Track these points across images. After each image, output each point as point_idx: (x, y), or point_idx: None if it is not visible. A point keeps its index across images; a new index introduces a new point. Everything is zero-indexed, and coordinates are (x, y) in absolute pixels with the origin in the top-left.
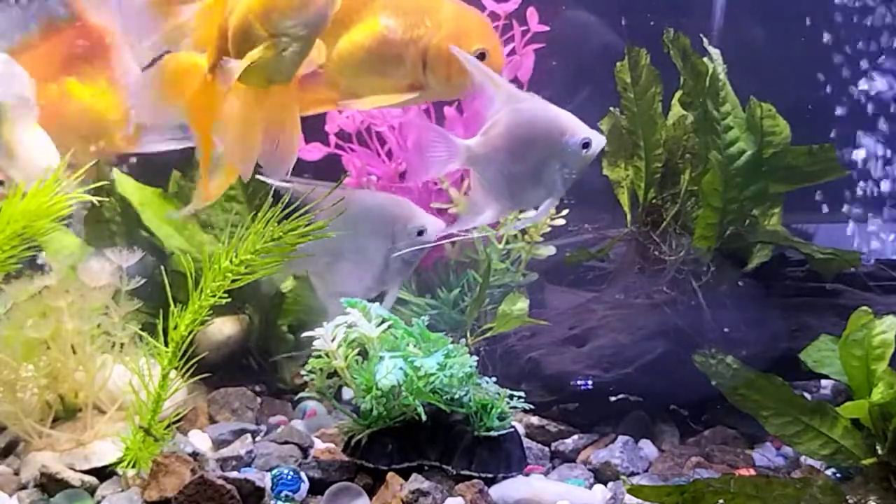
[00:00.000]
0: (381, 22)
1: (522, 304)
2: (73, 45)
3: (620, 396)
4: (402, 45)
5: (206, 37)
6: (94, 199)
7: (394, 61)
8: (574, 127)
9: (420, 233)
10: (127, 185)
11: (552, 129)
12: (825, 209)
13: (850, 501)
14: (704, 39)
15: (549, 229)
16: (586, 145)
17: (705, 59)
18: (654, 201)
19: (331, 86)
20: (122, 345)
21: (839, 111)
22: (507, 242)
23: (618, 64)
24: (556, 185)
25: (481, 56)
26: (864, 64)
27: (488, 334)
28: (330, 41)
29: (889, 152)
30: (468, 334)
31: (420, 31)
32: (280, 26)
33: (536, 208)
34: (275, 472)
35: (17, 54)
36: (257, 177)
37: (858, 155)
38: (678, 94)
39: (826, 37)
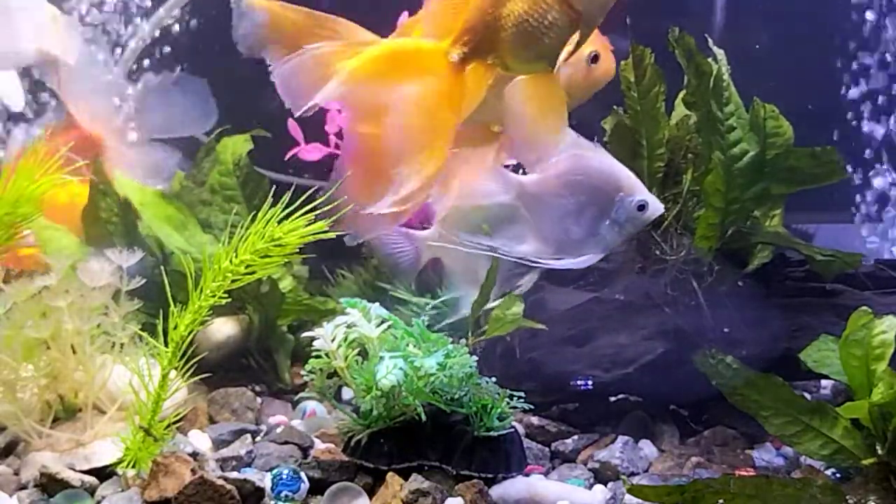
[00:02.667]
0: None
1: (517, 309)
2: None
3: (620, 396)
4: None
5: (452, 22)
6: (75, 181)
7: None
8: (632, 186)
9: None
10: (127, 186)
11: (609, 183)
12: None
13: (850, 501)
14: (709, 40)
15: None
16: (642, 207)
17: (710, 60)
18: None
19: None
20: (122, 345)
21: (840, 111)
22: None
23: (622, 62)
24: (602, 242)
25: (595, 59)
26: (864, 64)
27: (483, 337)
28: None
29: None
30: (469, 334)
31: None
32: (586, 8)
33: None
34: (274, 472)
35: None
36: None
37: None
38: (682, 93)
39: (826, 36)
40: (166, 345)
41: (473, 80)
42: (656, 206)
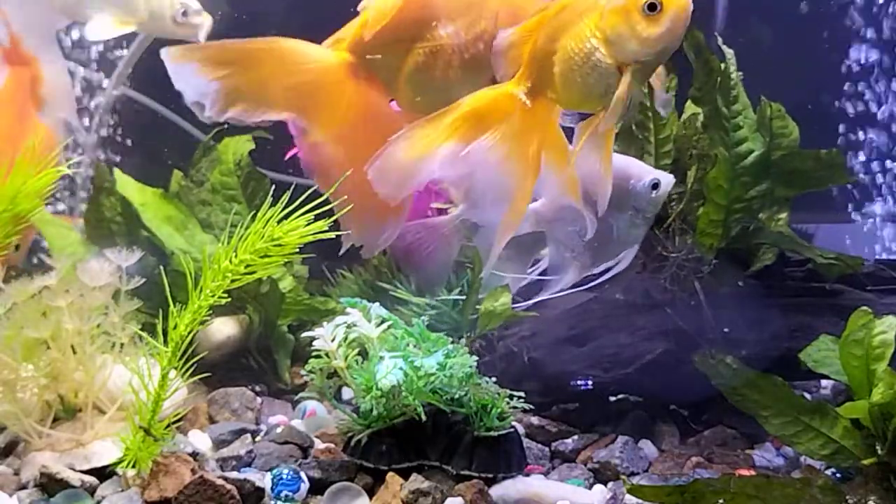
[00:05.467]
0: (440, 33)
1: (505, 299)
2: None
3: (620, 396)
4: (470, 46)
5: (518, 62)
6: (70, 172)
7: (469, 66)
8: (640, 171)
9: None
10: (127, 186)
11: (619, 178)
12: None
13: (850, 501)
14: (719, 38)
15: None
16: (655, 186)
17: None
18: None
19: (411, 112)
20: (122, 345)
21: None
22: None
23: None
24: (633, 233)
25: None
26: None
27: (477, 332)
28: (395, 66)
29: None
30: (464, 334)
31: (481, 26)
32: (635, 55)
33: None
34: (274, 472)
35: None
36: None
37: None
38: (691, 91)
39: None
40: (166, 344)
41: (541, 115)
42: (668, 179)
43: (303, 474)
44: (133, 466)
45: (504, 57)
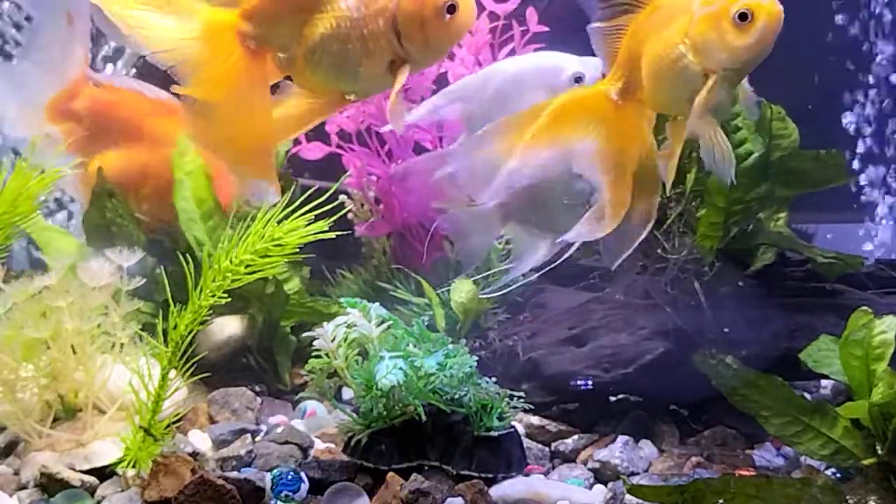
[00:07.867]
0: (341, 5)
1: (469, 287)
2: None
3: (620, 396)
4: (370, 21)
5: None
6: (71, 172)
7: (368, 42)
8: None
9: None
10: (187, 150)
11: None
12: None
13: (850, 501)
14: None
15: None
16: (578, 80)
17: None
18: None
19: (309, 90)
20: (122, 345)
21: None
22: (508, 242)
23: None
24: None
25: (451, 8)
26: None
27: (462, 326)
28: (292, 37)
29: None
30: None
31: (383, 1)
32: (723, 62)
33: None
34: (275, 472)
35: None
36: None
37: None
38: None
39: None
40: (166, 344)
41: (632, 115)
42: (594, 63)
43: (303, 474)
44: (133, 466)
45: (602, 50)
